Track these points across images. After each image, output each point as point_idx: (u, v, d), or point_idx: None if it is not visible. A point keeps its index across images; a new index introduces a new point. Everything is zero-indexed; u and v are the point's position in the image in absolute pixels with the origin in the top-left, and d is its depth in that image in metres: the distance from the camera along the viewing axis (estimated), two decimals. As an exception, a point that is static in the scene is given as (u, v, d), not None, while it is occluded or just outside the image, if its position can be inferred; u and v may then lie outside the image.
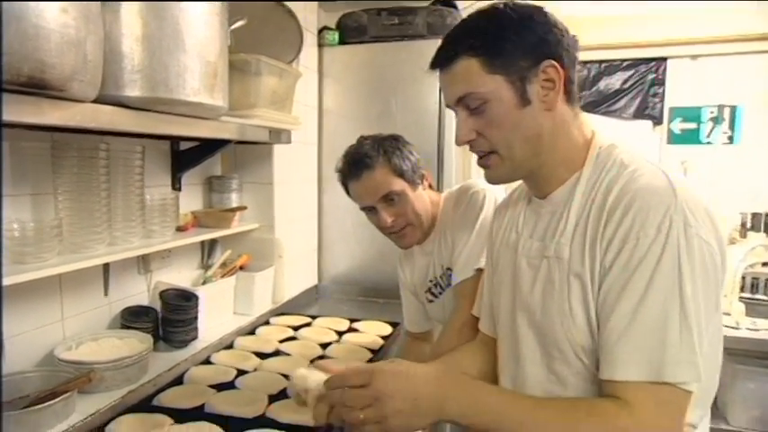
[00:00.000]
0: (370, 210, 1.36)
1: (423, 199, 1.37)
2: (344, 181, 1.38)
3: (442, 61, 0.87)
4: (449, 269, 1.35)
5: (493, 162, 0.88)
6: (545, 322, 0.85)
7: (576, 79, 0.86)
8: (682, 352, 0.71)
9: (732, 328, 2.14)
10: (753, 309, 2.27)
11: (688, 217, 0.73)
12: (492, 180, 0.93)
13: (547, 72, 0.82)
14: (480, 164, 0.92)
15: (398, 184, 1.31)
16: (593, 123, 0.91)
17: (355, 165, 1.32)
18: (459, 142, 0.89)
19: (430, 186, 1.43)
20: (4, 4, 0.73)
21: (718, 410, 2.33)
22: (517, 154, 0.86)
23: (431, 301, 1.45)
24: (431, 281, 1.43)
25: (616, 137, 0.89)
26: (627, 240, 0.75)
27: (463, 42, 0.84)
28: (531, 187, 0.95)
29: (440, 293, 1.42)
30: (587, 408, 0.78)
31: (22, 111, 0.82)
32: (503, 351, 0.98)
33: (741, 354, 2.23)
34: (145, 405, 1.28)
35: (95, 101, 0.97)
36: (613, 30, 2.81)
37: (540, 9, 0.85)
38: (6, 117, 0.80)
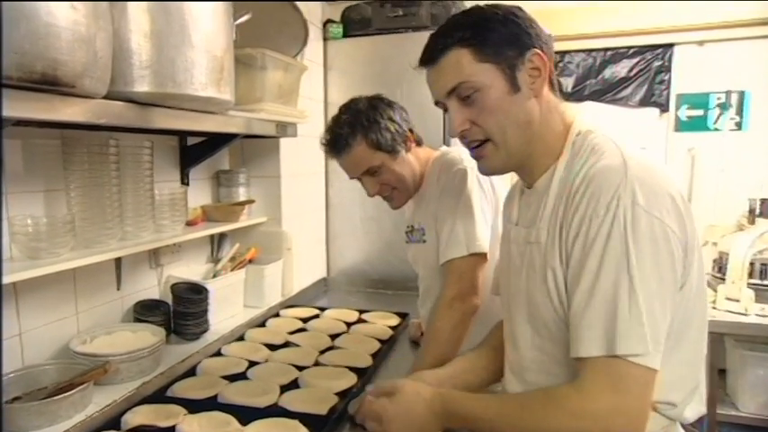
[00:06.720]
0: (359, 179, 1.43)
1: (407, 163, 1.42)
2: (328, 156, 1.45)
3: (432, 55, 0.91)
4: (421, 229, 1.47)
5: (487, 151, 0.92)
6: (532, 304, 0.90)
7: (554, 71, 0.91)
8: (631, 325, 0.73)
9: (741, 314, 2.14)
10: (762, 295, 2.26)
11: (636, 195, 0.75)
12: (486, 170, 0.96)
13: (533, 60, 0.87)
14: (474, 155, 0.95)
15: (377, 159, 1.37)
16: (575, 109, 0.94)
17: (334, 146, 1.39)
18: (454, 133, 0.92)
19: (417, 143, 1.47)
20: (12, 3, 0.75)
21: (728, 397, 2.33)
22: (511, 141, 0.89)
23: (406, 242, 1.57)
24: (408, 226, 1.54)
25: (595, 122, 0.91)
26: (582, 223, 0.79)
27: (453, 35, 0.89)
28: (521, 178, 0.99)
29: (409, 241, 1.55)
30: (542, 397, 0.84)
31: (36, 108, 0.84)
32: (505, 336, 1.03)
33: (750, 340, 2.23)
34: (159, 396, 1.30)
35: (105, 97, 0.98)
36: (619, 17, 2.78)
37: (518, 7, 0.91)
38: (20, 114, 0.82)
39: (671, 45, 2.82)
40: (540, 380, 0.91)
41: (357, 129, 1.36)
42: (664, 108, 2.87)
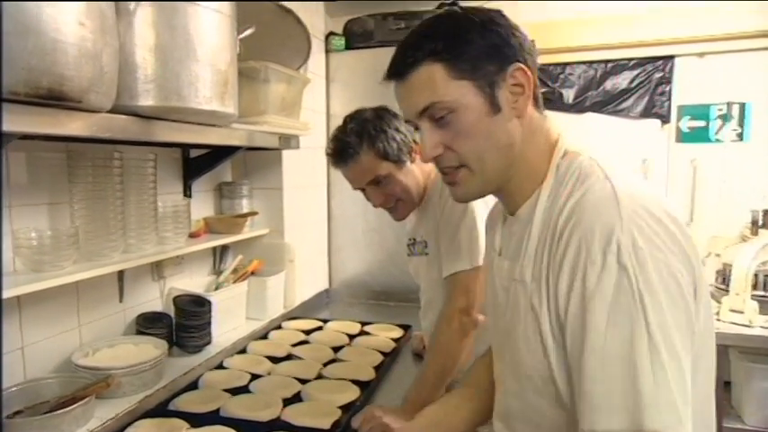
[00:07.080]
0: (363, 189, 1.43)
1: (412, 174, 1.42)
2: (334, 166, 1.44)
3: (400, 69, 0.80)
4: (423, 242, 1.47)
5: (462, 177, 0.81)
6: (515, 348, 0.80)
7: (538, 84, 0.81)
8: (658, 392, 0.62)
9: (745, 326, 2.13)
10: (766, 307, 2.25)
11: (636, 238, 0.65)
12: (460, 197, 0.86)
13: (515, 76, 0.76)
14: (447, 180, 0.84)
15: (384, 168, 1.37)
16: (561, 125, 0.84)
17: (341, 154, 1.38)
18: (426, 158, 0.81)
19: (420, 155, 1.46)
20: (19, 19, 0.75)
21: (733, 410, 2.31)
22: (489, 166, 0.79)
23: (408, 254, 1.57)
24: (410, 239, 1.54)
25: (581, 140, 0.81)
26: (575, 269, 0.68)
27: (423, 48, 0.76)
28: (502, 203, 0.89)
29: (411, 254, 1.54)
30: None
31: (41, 122, 0.84)
32: (495, 377, 0.94)
33: (754, 352, 2.21)
34: (161, 410, 1.29)
35: (110, 111, 0.99)
36: (619, 29, 2.80)
37: (499, 12, 0.80)
38: (25, 129, 0.83)
39: (671, 57, 2.83)
40: (527, 430, 0.83)
41: (364, 138, 1.36)
42: (665, 119, 2.87)
